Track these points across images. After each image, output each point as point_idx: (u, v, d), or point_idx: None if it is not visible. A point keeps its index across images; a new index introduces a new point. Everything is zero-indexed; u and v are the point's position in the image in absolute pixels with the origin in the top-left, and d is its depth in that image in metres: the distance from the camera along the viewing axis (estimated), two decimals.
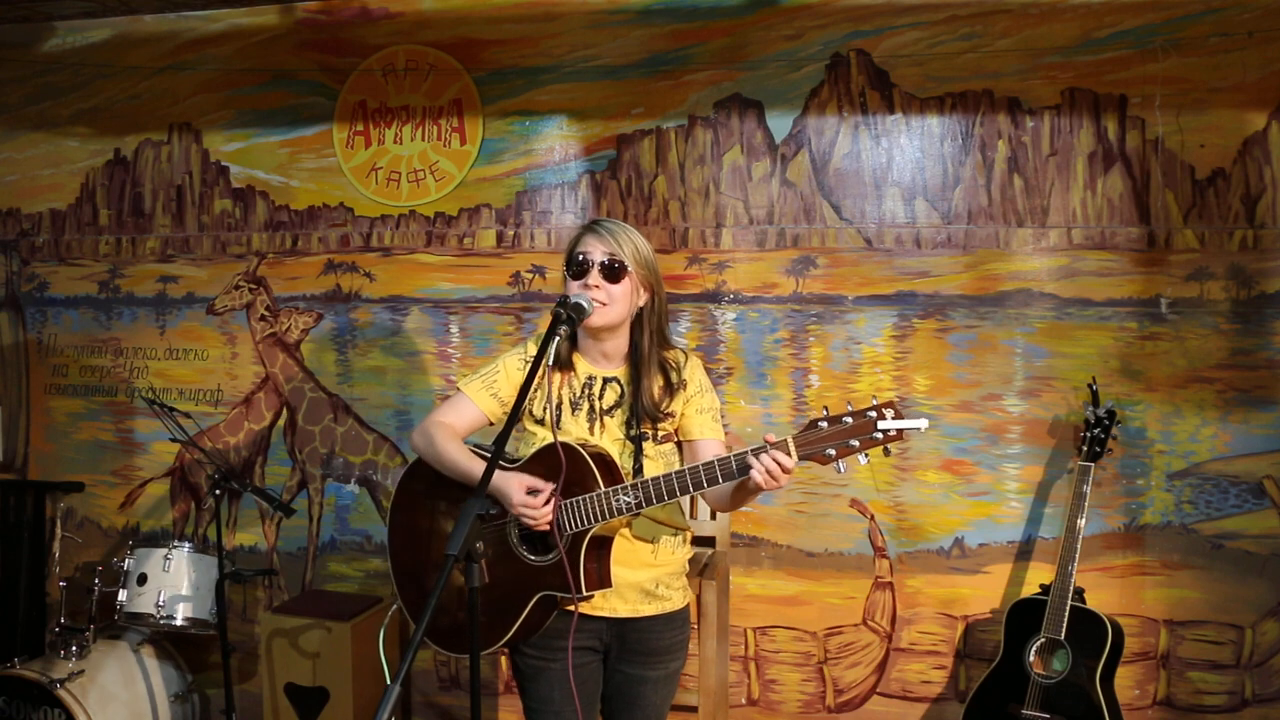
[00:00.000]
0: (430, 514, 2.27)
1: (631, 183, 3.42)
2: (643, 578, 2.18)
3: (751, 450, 1.94)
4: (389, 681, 1.53)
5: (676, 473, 2.01)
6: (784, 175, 3.31)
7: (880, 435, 1.89)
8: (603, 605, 2.15)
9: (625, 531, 2.14)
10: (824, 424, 1.92)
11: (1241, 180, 3.02)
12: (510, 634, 2.14)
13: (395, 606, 2.42)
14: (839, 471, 1.93)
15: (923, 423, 1.89)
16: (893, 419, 1.88)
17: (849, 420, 1.91)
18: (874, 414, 1.89)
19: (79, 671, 3.22)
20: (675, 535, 2.23)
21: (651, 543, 2.17)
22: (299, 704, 3.29)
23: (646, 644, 2.20)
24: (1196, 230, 3.06)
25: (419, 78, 3.57)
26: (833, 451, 1.91)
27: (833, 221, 3.28)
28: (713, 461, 1.99)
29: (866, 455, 1.92)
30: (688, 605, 2.29)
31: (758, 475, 1.92)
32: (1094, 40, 3.08)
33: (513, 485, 2.07)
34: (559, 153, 3.49)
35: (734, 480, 1.98)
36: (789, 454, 1.92)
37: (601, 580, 2.09)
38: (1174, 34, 3.03)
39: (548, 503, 2.05)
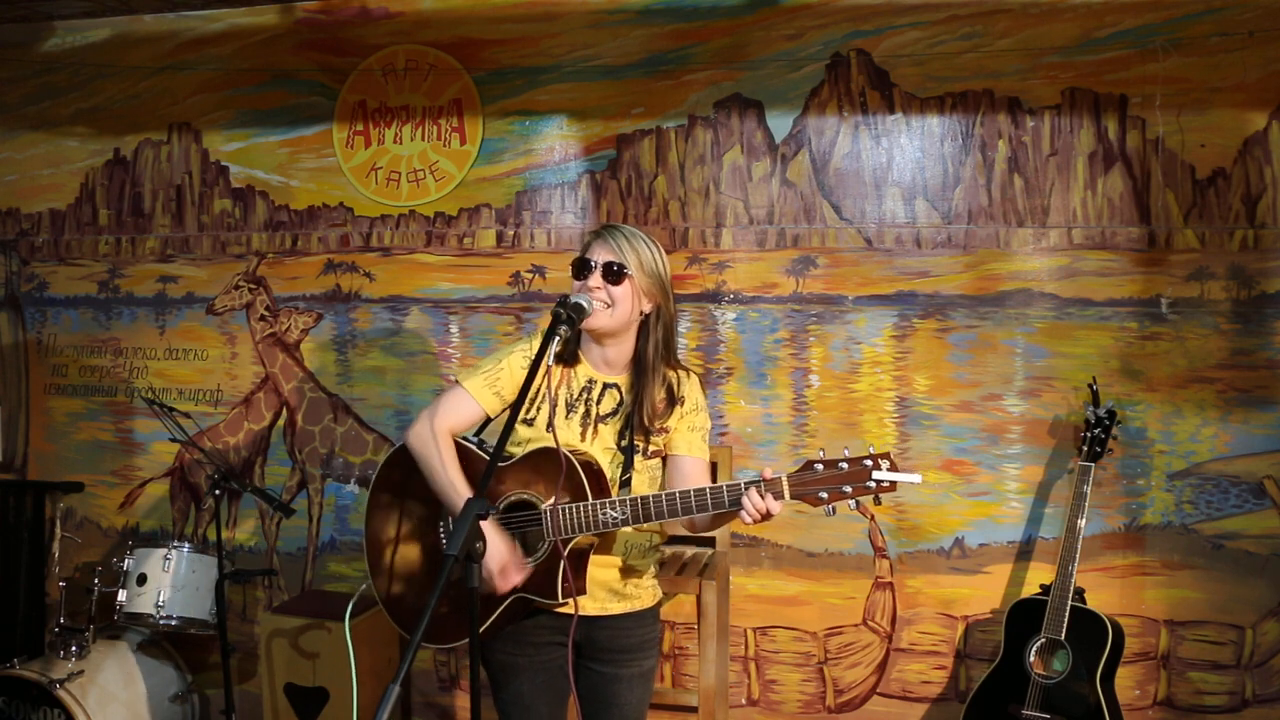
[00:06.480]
0: (413, 501, 2.26)
1: (631, 183, 3.42)
2: (610, 576, 2.18)
3: (746, 483, 1.95)
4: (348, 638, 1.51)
5: (668, 495, 2.01)
6: (784, 175, 3.31)
7: (873, 485, 1.91)
8: (571, 602, 2.14)
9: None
10: (820, 466, 1.93)
11: (1242, 180, 3.02)
12: (482, 630, 2.13)
13: (364, 585, 2.43)
14: (829, 514, 1.94)
15: (916, 478, 1.91)
16: (888, 470, 1.90)
17: (844, 466, 1.92)
18: (870, 463, 1.91)
19: (78, 672, 3.22)
20: (648, 538, 2.24)
21: (622, 544, 2.18)
22: (299, 704, 3.29)
23: (616, 641, 2.21)
24: (1197, 230, 3.05)
25: (419, 78, 3.57)
26: (825, 495, 1.92)
27: (833, 221, 3.28)
28: (704, 489, 1.99)
29: (858, 502, 1.93)
30: (658, 603, 2.30)
31: (746, 512, 1.93)
32: (1094, 40, 3.08)
33: (491, 552, 2.02)
34: (559, 152, 3.48)
35: (723, 510, 1.98)
36: (782, 494, 1.93)
37: (578, 588, 2.09)
38: (1174, 34, 3.03)
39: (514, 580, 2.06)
